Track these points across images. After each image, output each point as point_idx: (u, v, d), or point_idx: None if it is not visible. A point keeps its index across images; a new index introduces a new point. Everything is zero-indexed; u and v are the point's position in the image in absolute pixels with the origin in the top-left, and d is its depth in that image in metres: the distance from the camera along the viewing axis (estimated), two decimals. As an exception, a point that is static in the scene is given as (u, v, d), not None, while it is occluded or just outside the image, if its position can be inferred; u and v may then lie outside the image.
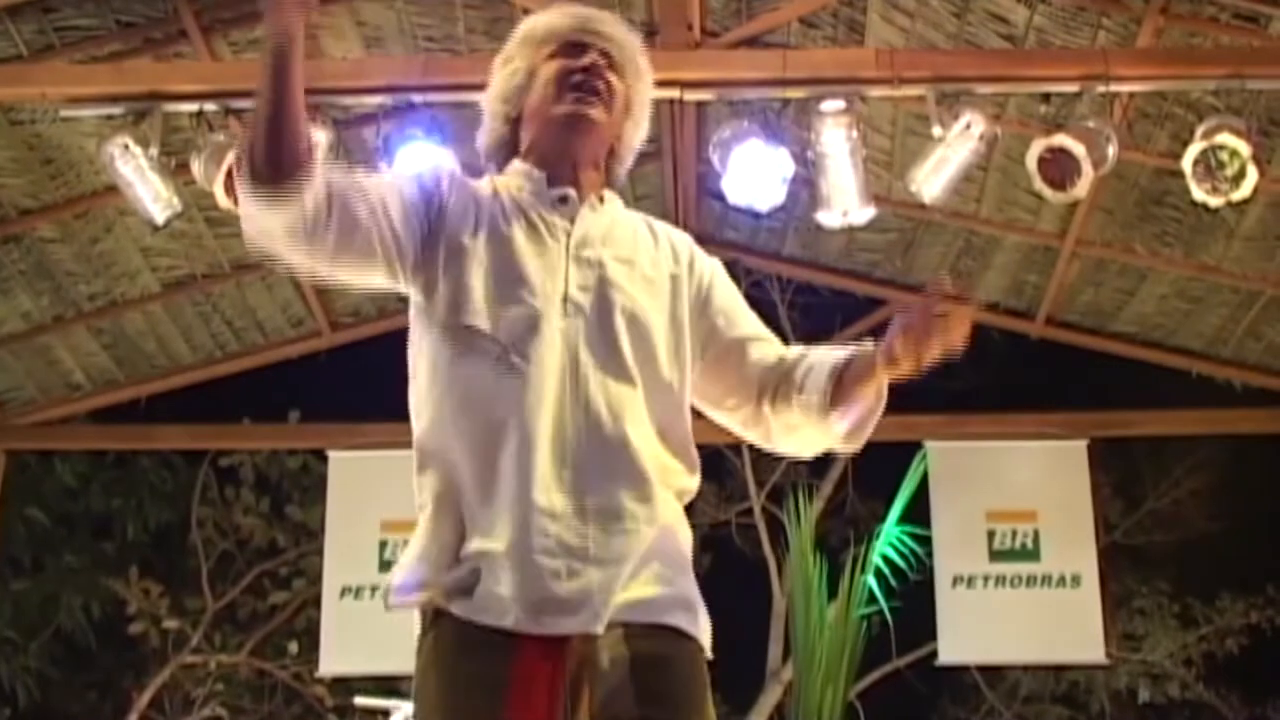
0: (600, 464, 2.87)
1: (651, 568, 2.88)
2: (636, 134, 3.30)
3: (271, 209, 2.85)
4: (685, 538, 3.03)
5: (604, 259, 3.05)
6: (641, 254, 3.13)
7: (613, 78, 3.17)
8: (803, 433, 3.17)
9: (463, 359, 2.94)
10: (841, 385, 3.07)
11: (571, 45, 3.17)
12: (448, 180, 3.13)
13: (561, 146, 3.15)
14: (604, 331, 2.97)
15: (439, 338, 2.98)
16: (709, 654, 2.96)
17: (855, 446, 3.19)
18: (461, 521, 2.88)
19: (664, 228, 3.28)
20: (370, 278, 3.03)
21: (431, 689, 2.84)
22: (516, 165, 3.19)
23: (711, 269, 3.26)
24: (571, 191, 3.11)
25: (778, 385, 3.15)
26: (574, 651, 2.78)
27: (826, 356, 3.12)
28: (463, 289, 2.97)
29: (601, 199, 3.17)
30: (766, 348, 3.21)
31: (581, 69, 3.14)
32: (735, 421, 3.25)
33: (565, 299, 2.97)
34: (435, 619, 2.87)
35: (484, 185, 3.17)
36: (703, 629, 2.94)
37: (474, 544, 2.85)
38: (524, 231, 3.04)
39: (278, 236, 2.90)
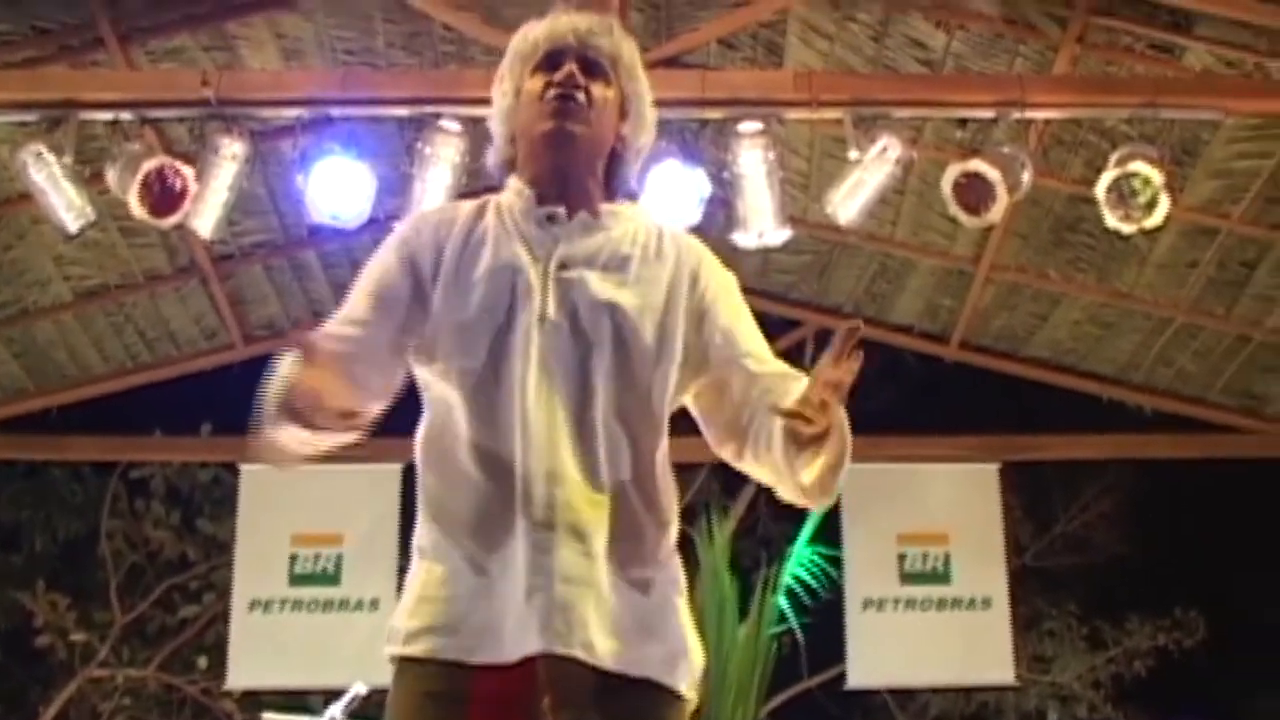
0: (575, 486, 2.82)
1: (616, 601, 2.82)
2: (642, 133, 3.23)
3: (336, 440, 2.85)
4: (673, 560, 2.98)
5: (585, 278, 2.96)
6: (635, 270, 3.03)
7: (594, 85, 3.09)
8: (783, 488, 3.05)
9: (443, 395, 2.94)
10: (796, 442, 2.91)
11: (551, 57, 3.11)
12: (413, 239, 3.09)
13: (548, 163, 3.08)
14: (579, 352, 2.90)
15: (428, 385, 3.00)
16: (688, 699, 2.91)
17: (826, 500, 3.04)
18: (441, 561, 2.89)
19: (676, 237, 3.19)
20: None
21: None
22: (511, 182, 3.13)
23: (718, 285, 3.15)
24: (560, 209, 3.04)
25: (750, 436, 3.02)
26: (538, 681, 2.74)
27: (773, 420, 2.93)
28: (437, 333, 2.95)
29: (597, 214, 3.08)
30: (753, 384, 3.04)
31: (558, 83, 3.07)
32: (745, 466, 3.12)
33: (542, 320, 2.91)
34: (400, 664, 2.87)
35: (468, 207, 3.13)
36: (681, 676, 2.89)
37: (448, 579, 2.86)
38: (507, 252, 3.00)
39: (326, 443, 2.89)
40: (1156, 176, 6.80)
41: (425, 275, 3.02)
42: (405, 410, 3.06)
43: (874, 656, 9.91)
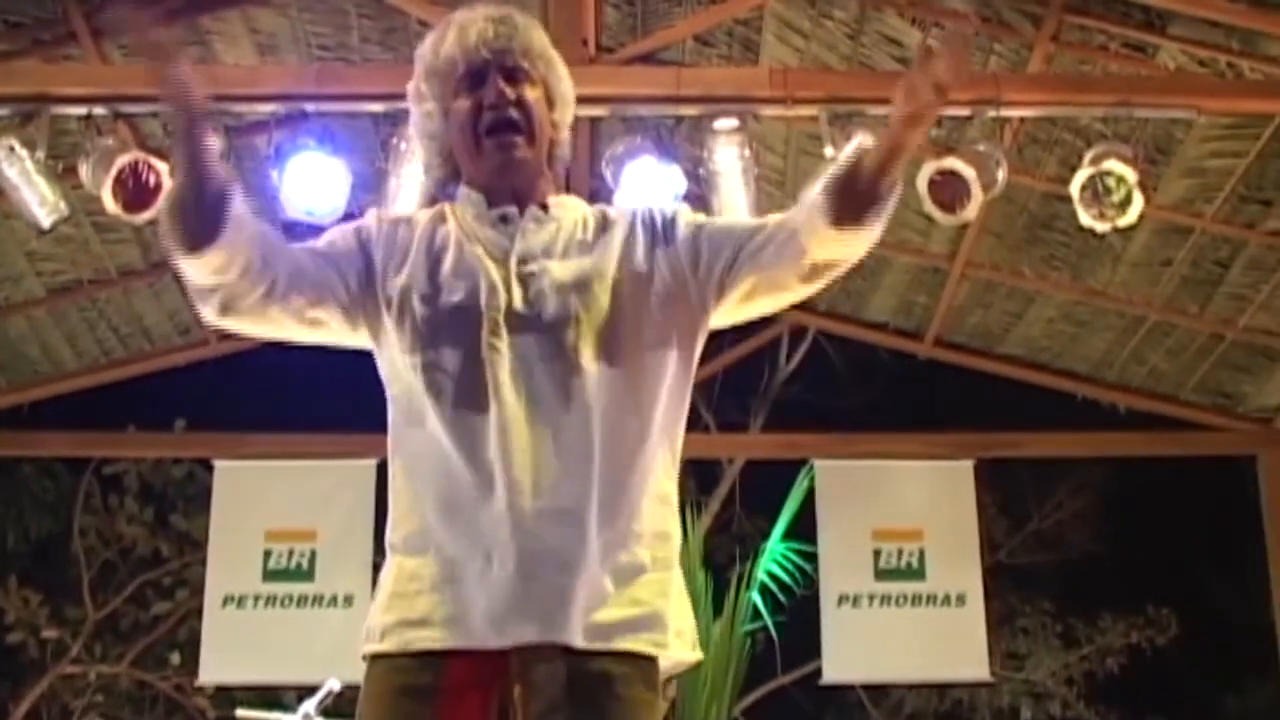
0: (559, 473, 2.82)
1: (607, 582, 2.81)
2: (568, 111, 3.24)
3: (221, 256, 2.82)
4: (653, 539, 2.93)
5: (547, 268, 2.98)
6: (592, 249, 3.05)
7: (524, 91, 3.09)
8: (816, 242, 2.97)
9: (414, 391, 2.93)
10: (852, 182, 2.89)
11: (471, 76, 3.08)
12: (372, 229, 3.09)
13: (497, 183, 3.08)
14: (555, 339, 2.90)
15: (393, 379, 2.99)
16: (682, 660, 2.92)
17: (865, 225, 2.93)
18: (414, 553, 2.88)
19: (617, 208, 3.21)
20: (325, 328, 3.03)
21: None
22: (461, 190, 3.14)
23: (671, 215, 3.15)
24: (512, 209, 3.06)
25: (781, 238, 3.00)
26: (510, 668, 2.75)
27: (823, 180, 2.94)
28: (404, 331, 2.95)
29: (546, 206, 3.10)
30: (765, 233, 3.04)
31: (489, 107, 3.05)
32: (790, 297, 3.13)
33: (510, 314, 2.91)
34: (372, 660, 2.86)
35: (426, 214, 3.14)
36: (671, 643, 2.88)
37: (421, 571, 2.85)
38: (469, 254, 3.00)
39: (237, 287, 2.88)
40: (1130, 175, 6.82)
41: (375, 260, 3.04)
42: (377, 406, 3.05)
43: (849, 652, 9.91)
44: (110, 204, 6.89)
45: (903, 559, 9.89)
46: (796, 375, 15.48)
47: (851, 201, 2.88)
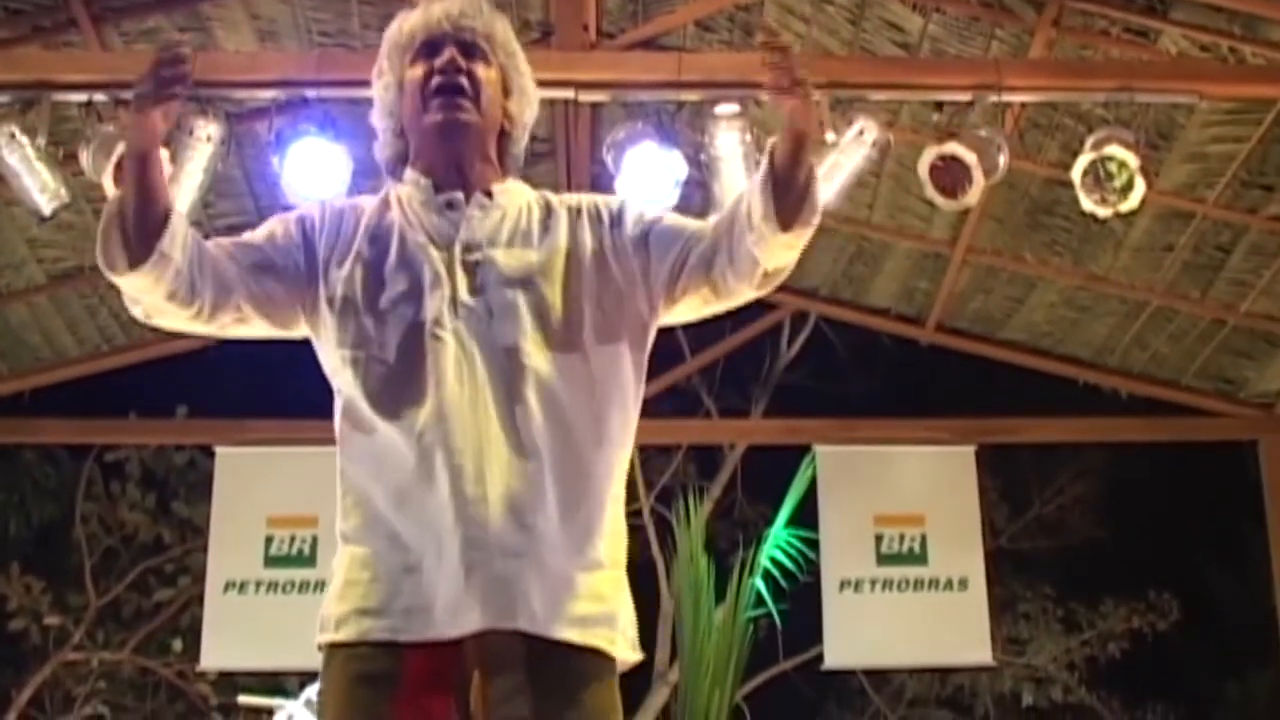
0: (507, 461, 2.82)
1: (558, 572, 2.81)
2: (526, 109, 3.24)
3: (145, 281, 2.92)
4: (614, 531, 2.95)
5: (493, 258, 2.99)
6: (538, 238, 3.06)
7: (477, 67, 3.11)
8: (766, 252, 3.02)
9: (362, 385, 2.93)
10: (778, 185, 2.97)
11: (428, 45, 3.13)
12: (316, 218, 3.11)
13: (442, 153, 3.10)
14: (499, 329, 2.91)
15: (338, 371, 2.99)
16: (628, 655, 2.93)
17: (809, 223, 3.02)
18: (368, 546, 2.89)
19: (560, 197, 3.20)
20: (254, 326, 3.07)
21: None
22: (408, 174, 3.15)
23: (618, 205, 3.17)
24: (458, 195, 3.06)
25: (727, 248, 3.03)
26: (468, 656, 2.75)
27: (750, 185, 3.03)
28: (345, 321, 2.97)
29: (490, 193, 3.10)
30: (710, 240, 3.07)
31: (440, 70, 3.09)
32: (739, 302, 3.15)
33: (454, 304, 2.92)
34: (329, 650, 2.88)
35: (372, 202, 3.15)
36: (615, 640, 2.88)
37: (374, 563, 2.86)
38: (413, 243, 3.01)
39: (161, 307, 2.99)
40: (1132, 160, 6.80)
41: (317, 251, 3.06)
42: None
43: (851, 636, 9.92)
44: (111, 190, 6.88)
45: (904, 544, 9.89)
46: (798, 361, 15.48)
47: (787, 201, 2.95)
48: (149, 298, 2.96)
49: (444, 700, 2.76)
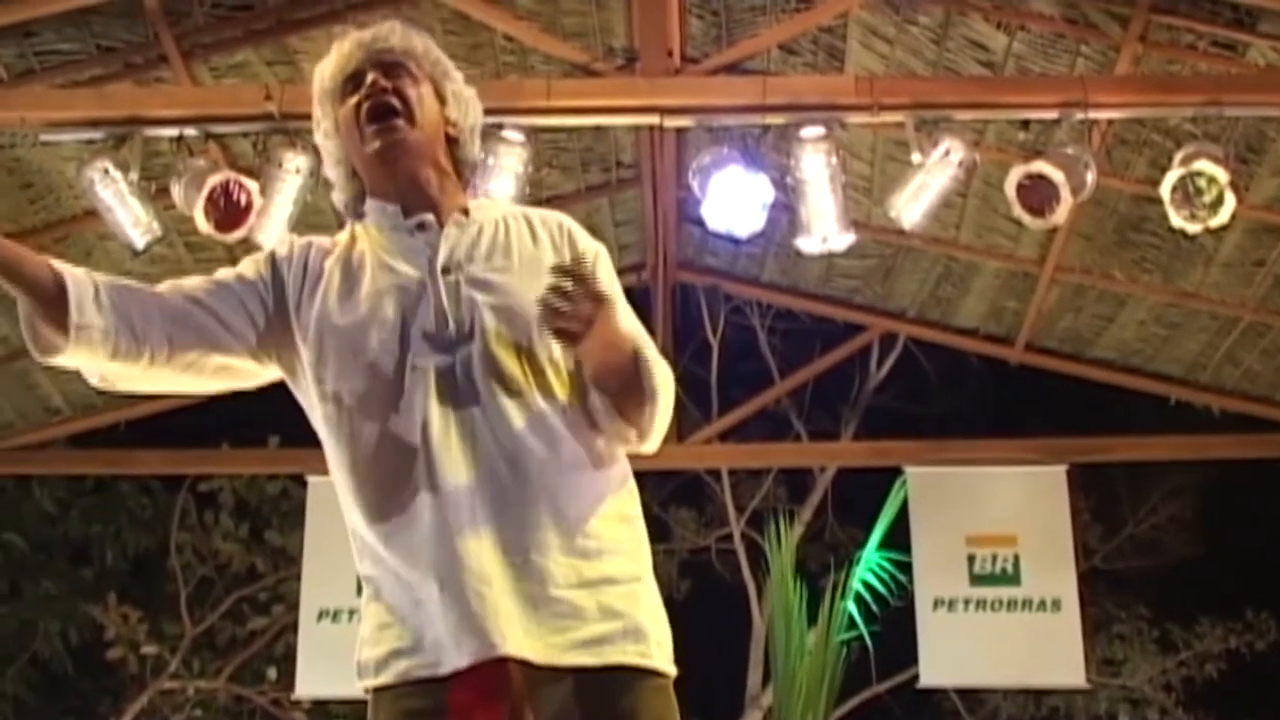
0: (507, 488, 2.81)
1: (580, 596, 2.81)
2: (468, 112, 3.19)
3: (80, 356, 2.87)
4: (626, 549, 2.94)
5: (474, 275, 2.96)
6: (516, 256, 3.03)
7: (404, 84, 3.07)
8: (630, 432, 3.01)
9: (343, 421, 2.94)
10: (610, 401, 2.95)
11: (352, 79, 3.10)
12: (284, 257, 3.08)
13: (394, 177, 3.06)
14: (479, 358, 2.89)
15: (317, 408, 3.00)
16: (669, 671, 2.90)
17: (654, 403, 2.94)
18: (385, 589, 2.90)
19: (541, 216, 3.17)
20: (229, 373, 3.12)
21: None
22: (370, 205, 3.12)
23: (595, 253, 3.08)
24: (429, 216, 3.03)
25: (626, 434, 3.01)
26: (513, 682, 2.73)
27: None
28: (323, 355, 2.96)
29: (466, 211, 3.08)
30: None
31: (365, 97, 3.05)
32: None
33: (432, 332, 2.90)
34: (375, 694, 2.88)
35: (335, 240, 3.12)
36: (654, 654, 2.87)
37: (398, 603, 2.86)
38: (387, 270, 2.99)
39: (114, 370, 2.94)
40: (1221, 175, 6.74)
41: (288, 289, 3.03)
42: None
43: (945, 655, 9.89)
44: (203, 224, 6.95)
45: (997, 564, 9.85)
46: (887, 383, 15.47)
47: (624, 408, 2.95)
48: (95, 366, 2.91)
49: (495, 713, 2.74)
